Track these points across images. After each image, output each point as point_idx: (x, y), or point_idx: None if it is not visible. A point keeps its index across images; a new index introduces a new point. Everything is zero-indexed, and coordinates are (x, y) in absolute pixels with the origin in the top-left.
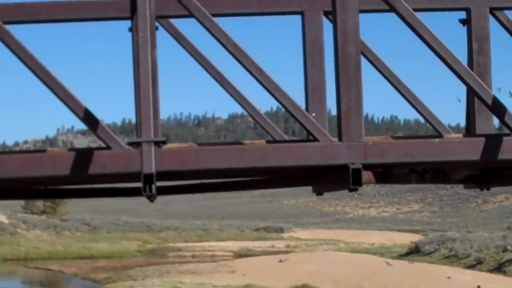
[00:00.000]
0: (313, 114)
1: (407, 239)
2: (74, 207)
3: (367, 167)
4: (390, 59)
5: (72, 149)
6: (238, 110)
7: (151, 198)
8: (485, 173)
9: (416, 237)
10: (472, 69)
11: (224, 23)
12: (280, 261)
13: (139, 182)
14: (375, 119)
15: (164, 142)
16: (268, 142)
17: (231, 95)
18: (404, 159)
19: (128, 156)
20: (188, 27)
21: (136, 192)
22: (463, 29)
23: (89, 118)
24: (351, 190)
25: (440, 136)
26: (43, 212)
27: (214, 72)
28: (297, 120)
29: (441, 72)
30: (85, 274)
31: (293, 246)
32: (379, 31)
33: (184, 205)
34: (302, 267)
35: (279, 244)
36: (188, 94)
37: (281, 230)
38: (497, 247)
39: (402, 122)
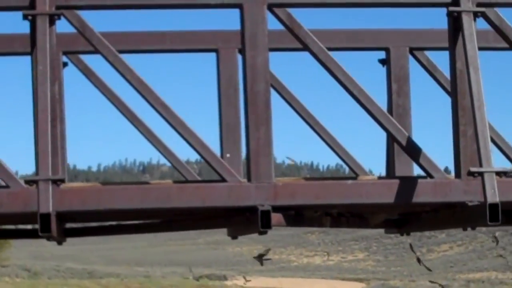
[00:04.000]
0: (228, 155)
1: (350, 287)
2: (15, 253)
3: (277, 209)
4: (310, 100)
5: None
6: (184, 156)
7: (52, 240)
8: (404, 217)
9: (359, 286)
10: (391, 110)
11: (138, 60)
12: None
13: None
14: (320, 167)
15: (63, 181)
16: (175, 182)
17: (144, 136)
18: (316, 201)
19: (26, 195)
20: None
21: (34, 234)
22: (383, 70)
23: None
24: (260, 233)
25: (353, 178)
26: None
27: (127, 112)
28: (204, 158)
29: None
30: None
31: None
32: (299, 71)
33: (128, 252)
34: None
35: None
36: (134, 140)
37: (225, 278)
38: None
39: (347, 171)
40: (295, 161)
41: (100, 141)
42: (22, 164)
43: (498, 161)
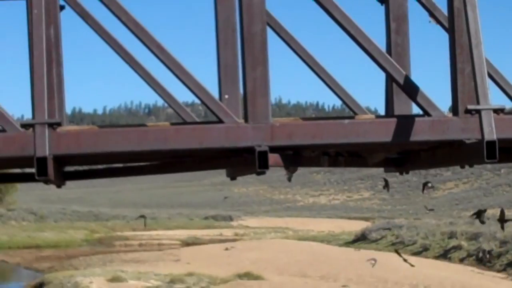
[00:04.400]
0: (226, 96)
1: (356, 226)
2: (22, 196)
3: (274, 149)
4: (311, 42)
5: None
6: (189, 98)
7: (50, 183)
8: (402, 156)
9: (365, 225)
10: (390, 49)
11: (135, 3)
12: (226, 249)
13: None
14: (326, 107)
15: (59, 124)
16: (172, 124)
17: (143, 79)
18: (313, 141)
19: (23, 139)
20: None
21: (31, 178)
22: (382, 9)
23: None
24: (258, 173)
25: (351, 117)
26: None
27: (126, 55)
28: (200, 100)
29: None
30: (28, 263)
31: (241, 234)
32: (296, 11)
33: (134, 194)
34: (247, 255)
35: (228, 233)
36: (139, 83)
37: (230, 219)
38: (443, 234)
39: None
40: None
41: (106, 84)
42: (22, 109)
43: (496, 98)
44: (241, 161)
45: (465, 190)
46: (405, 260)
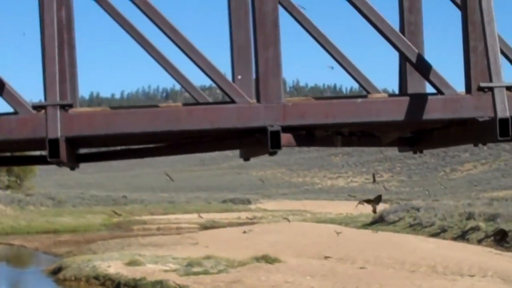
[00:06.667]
0: (239, 77)
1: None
2: (40, 182)
3: (286, 129)
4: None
5: None
6: (207, 82)
7: (63, 165)
8: (416, 135)
9: (382, 207)
10: (403, 27)
11: None
12: (244, 232)
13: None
14: (343, 89)
15: (71, 106)
16: (184, 104)
17: (157, 61)
18: (325, 121)
19: (35, 121)
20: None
21: (44, 160)
22: None
23: None
24: (270, 153)
25: (363, 96)
26: (8, 187)
27: (139, 38)
28: (213, 80)
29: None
30: (46, 248)
31: (259, 217)
32: None
33: (152, 178)
34: (264, 238)
35: (246, 216)
36: (157, 67)
37: (248, 202)
38: (461, 215)
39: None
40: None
41: (124, 69)
42: (34, 91)
43: (509, 75)
44: (253, 141)
45: (483, 172)
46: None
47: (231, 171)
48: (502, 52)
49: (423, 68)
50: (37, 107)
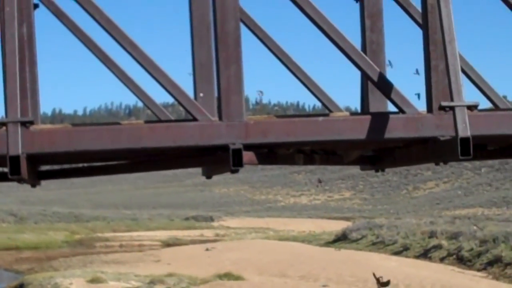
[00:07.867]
0: (201, 95)
1: (336, 226)
2: (2, 198)
3: (248, 147)
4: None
5: None
6: (169, 99)
7: (24, 182)
8: (378, 154)
9: (345, 225)
10: (365, 46)
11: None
12: (207, 249)
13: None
14: (306, 107)
15: (32, 122)
16: (146, 122)
17: (118, 78)
18: (287, 139)
19: None
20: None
21: (4, 177)
22: (357, 6)
23: None
24: (232, 171)
25: (325, 115)
26: None
27: (101, 54)
28: (174, 98)
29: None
30: (8, 265)
31: (222, 235)
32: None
33: (115, 195)
34: (227, 256)
35: (208, 233)
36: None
37: (211, 219)
38: (424, 233)
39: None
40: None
41: (86, 85)
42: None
43: (471, 95)
44: (215, 159)
45: (446, 190)
46: None
47: (194, 188)
48: (463, 71)
49: (385, 87)
50: None
